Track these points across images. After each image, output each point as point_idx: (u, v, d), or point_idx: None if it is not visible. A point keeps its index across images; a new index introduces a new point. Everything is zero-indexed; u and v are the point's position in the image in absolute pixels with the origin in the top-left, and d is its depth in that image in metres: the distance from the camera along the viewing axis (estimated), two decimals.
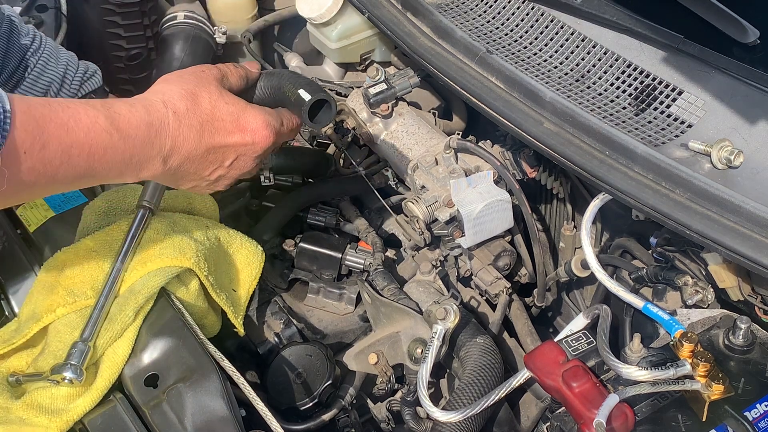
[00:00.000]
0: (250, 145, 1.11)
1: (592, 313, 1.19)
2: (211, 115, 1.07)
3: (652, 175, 1.10)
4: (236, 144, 1.10)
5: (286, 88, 1.16)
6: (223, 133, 1.08)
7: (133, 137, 0.98)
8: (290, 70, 1.28)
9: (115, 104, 0.98)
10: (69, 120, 0.92)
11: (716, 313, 1.16)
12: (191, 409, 1.04)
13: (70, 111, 0.92)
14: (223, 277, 1.23)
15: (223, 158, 1.10)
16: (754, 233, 1.01)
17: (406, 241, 1.47)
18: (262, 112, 1.12)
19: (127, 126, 0.97)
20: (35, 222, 1.35)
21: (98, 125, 0.94)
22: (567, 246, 1.50)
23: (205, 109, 1.06)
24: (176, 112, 1.03)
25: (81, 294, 1.12)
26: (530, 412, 1.30)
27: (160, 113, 1.01)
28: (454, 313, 1.15)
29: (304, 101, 1.13)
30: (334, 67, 1.79)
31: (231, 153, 1.10)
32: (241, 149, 1.11)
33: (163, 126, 1.01)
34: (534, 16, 1.34)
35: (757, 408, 0.99)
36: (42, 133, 0.89)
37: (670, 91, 1.16)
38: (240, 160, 1.12)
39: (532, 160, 1.48)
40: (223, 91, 1.10)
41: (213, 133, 1.07)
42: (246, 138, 1.10)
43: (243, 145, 1.10)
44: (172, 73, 1.11)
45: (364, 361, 1.28)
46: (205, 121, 1.06)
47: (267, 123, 1.11)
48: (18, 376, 1.07)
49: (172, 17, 1.94)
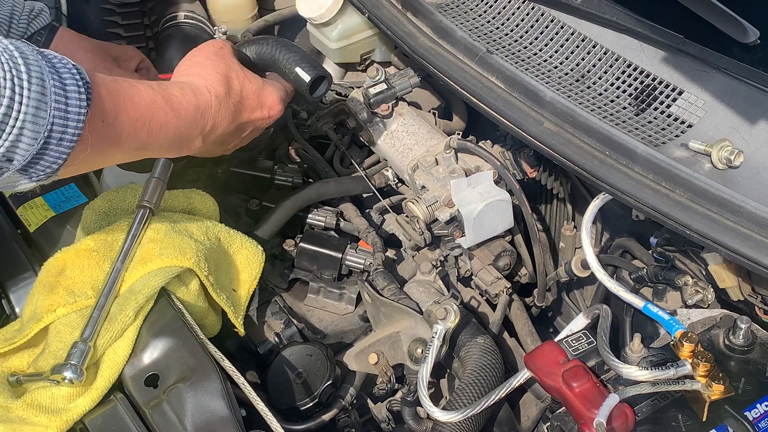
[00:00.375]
0: (267, 118, 1.27)
1: (592, 313, 1.19)
2: (241, 95, 1.22)
3: (653, 175, 1.10)
4: (257, 119, 1.26)
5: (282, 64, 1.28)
6: (249, 111, 1.24)
7: (184, 117, 1.10)
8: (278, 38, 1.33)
9: (168, 86, 1.11)
10: (134, 95, 1.02)
11: (716, 313, 1.16)
12: (191, 409, 1.03)
13: (134, 88, 1.03)
14: (223, 277, 1.23)
15: (244, 130, 1.26)
16: (754, 233, 1.01)
17: (406, 241, 1.47)
18: (275, 88, 1.28)
19: (179, 106, 1.09)
20: (35, 222, 1.35)
21: (157, 103, 1.05)
22: (567, 246, 1.50)
23: (236, 91, 1.21)
24: (218, 96, 1.16)
25: (81, 294, 1.12)
26: (530, 412, 1.31)
27: (205, 97, 1.14)
28: (455, 313, 1.15)
29: (304, 81, 1.26)
30: (335, 67, 1.79)
31: (250, 126, 1.27)
32: (259, 122, 1.27)
33: (207, 109, 1.14)
34: (534, 16, 1.34)
35: (758, 408, 0.99)
36: (115, 105, 0.98)
37: (671, 91, 1.16)
38: (255, 131, 1.30)
39: (532, 160, 1.48)
40: (243, 68, 1.25)
41: (242, 111, 1.22)
42: (264, 113, 1.26)
43: (261, 119, 1.27)
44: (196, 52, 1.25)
45: (365, 361, 1.28)
46: (238, 102, 1.21)
47: (280, 98, 1.28)
48: (18, 376, 1.07)
49: (172, 17, 1.94)
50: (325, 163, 1.60)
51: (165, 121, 1.06)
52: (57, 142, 0.90)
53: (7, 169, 0.89)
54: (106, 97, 0.97)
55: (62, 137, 0.90)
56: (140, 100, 1.03)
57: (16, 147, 0.87)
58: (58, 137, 0.90)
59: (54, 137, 0.89)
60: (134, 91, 1.03)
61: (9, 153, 0.87)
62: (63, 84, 0.90)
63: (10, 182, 0.92)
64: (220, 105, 1.17)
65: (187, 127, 1.11)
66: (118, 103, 0.99)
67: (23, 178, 0.92)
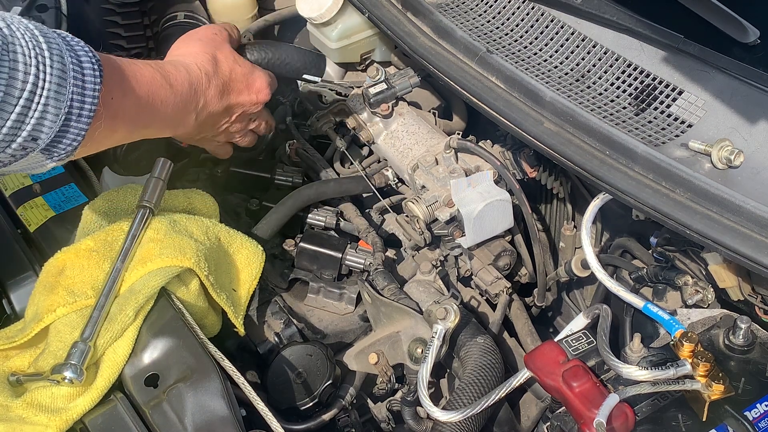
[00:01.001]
0: (255, 103, 1.32)
1: (592, 313, 1.19)
2: (229, 76, 1.26)
3: (653, 175, 1.09)
4: (244, 102, 1.31)
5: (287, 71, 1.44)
6: (236, 93, 1.28)
7: (180, 93, 1.14)
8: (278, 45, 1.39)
9: (163, 65, 1.15)
10: (137, 72, 1.05)
11: (716, 312, 1.16)
12: (191, 409, 1.03)
13: (135, 66, 1.06)
14: (223, 277, 1.23)
15: (232, 113, 1.30)
16: (754, 233, 1.01)
17: (406, 241, 1.47)
18: (263, 73, 1.34)
19: (175, 83, 1.13)
20: (35, 222, 1.35)
21: (157, 80, 1.09)
22: (567, 246, 1.50)
23: (225, 72, 1.25)
24: (207, 74, 1.21)
25: (81, 294, 1.12)
26: (530, 412, 1.31)
27: (196, 74, 1.18)
28: (455, 313, 1.15)
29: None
30: (334, 67, 1.79)
31: (238, 109, 1.31)
32: (247, 106, 1.32)
33: (199, 85, 1.19)
34: (534, 15, 1.34)
35: (758, 408, 0.99)
36: (122, 82, 1.02)
37: (671, 90, 1.16)
38: (243, 115, 1.34)
39: (532, 160, 1.48)
40: (234, 52, 1.30)
41: (230, 92, 1.27)
42: (252, 97, 1.31)
43: (249, 103, 1.32)
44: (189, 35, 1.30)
45: (365, 361, 1.28)
46: (225, 83, 1.25)
47: (268, 83, 1.34)
48: (19, 376, 1.07)
49: (172, 17, 1.93)
50: (325, 163, 1.60)
51: (165, 97, 1.10)
52: (76, 118, 0.92)
53: (32, 149, 0.90)
54: (114, 74, 1.00)
55: (80, 113, 0.92)
56: (142, 77, 1.06)
57: (42, 125, 0.88)
58: (77, 113, 0.92)
59: (73, 113, 0.91)
60: (136, 69, 1.06)
61: (35, 131, 0.88)
62: (79, 61, 0.93)
63: (33, 163, 0.94)
64: (209, 82, 1.21)
65: (183, 103, 1.15)
66: (124, 79, 1.02)
67: (45, 158, 0.93)
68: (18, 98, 0.85)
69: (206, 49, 1.25)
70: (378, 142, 1.56)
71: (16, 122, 0.86)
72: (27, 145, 0.89)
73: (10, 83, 0.84)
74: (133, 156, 1.39)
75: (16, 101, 0.85)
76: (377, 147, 1.58)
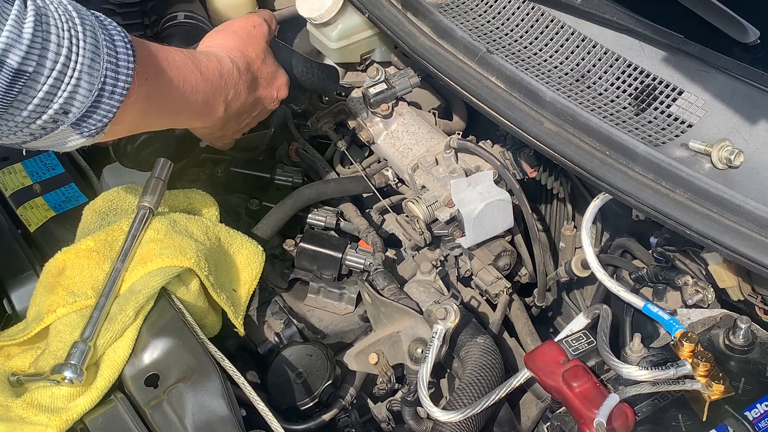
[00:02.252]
0: (275, 99, 1.37)
1: (592, 313, 1.19)
2: (258, 73, 1.30)
3: (653, 175, 1.09)
4: (266, 97, 1.34)
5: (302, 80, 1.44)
6: (262, 89, 1.32)
7: (211, 81, 1.15)
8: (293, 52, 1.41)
9: (195, 53, 1.17)
10: (168, 57, 1.07)
11: (716, 313, 1.16)
12: (192, 409, 1.03)
13: (166, 51, 1.07)
14: (223, 277, 1.23)
15: (255, 107, 1.34)
16: (754, 233, 1.01)
17: (406, 241, 1.47)
18: (283, 72, 1.38)
19: (206, 71, 1.14)
20: (35, 222, 1.35)
21: (188, 66, 1.10)
22: (567, 246, 1.50)
23: (254, 68, 1.29)
24: (238, 67, 1.23)
25: (81, 294, 1.12)
26: (530, 412, 1.30)
27: (227, 66, 1.21)
28: (455, 313, 1.15)
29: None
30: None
31: (260, 104, 1.35)
32: (267, 101, 1.36)
33: (230, 76, 1.21)
34: (534, 16, 1.34)
35: (758, 408, 0.99)
36: (155, 64, 1.03)
37: (671, 91, 1.16)
38: (263, 112, 1.38)
39: (533, 160, 1.48)
40: (267, 49, 1.33)
41: (257, 87, 1.31)
42: (272, 93, 1.35)
43: (270, 98, 1.36)
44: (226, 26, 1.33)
45: (365, 361, 1.28)
46: (254, 78, 1.29)
47: (287, 81, 1.39)
48: (19, 376, 1.07)
49: (173, 17, 1.93)
50: (325, 163, 1.60)
51: (195, 84, 1.11)
52: (109, 94, 0.92)
53: (62, 122, 0.90)
54: (146, 55, 1.01)
55: (114, 89, 0.93)
56: (174, 62, 1.07)
57: (74, 98, 0.89)
58: (111, 89, 0.92)
59: (107, 89, 0.92)
60: (167, 53, 1.07)
61: (67, 104, 0.89)
62: (112, 39, 0.93)
63: (62, 138, 0.94)
64: (240, 76, 1.23)
65: (213, 92, 1.17)
66: (156, 62, 1.03)
67: (74, 133, 0.93)
68: (51, 69, 0.86)
69: (240, 45, 1.27)
70: (378, 142, 1.56)
71: (48, 93, 0.86)
72: (58, 118, 0.89)
73: (42, 54, 0.85)
74: (146, 152, 1.38)
75: (50, 72, 0.86)
76: (377, 147, 1.58)
